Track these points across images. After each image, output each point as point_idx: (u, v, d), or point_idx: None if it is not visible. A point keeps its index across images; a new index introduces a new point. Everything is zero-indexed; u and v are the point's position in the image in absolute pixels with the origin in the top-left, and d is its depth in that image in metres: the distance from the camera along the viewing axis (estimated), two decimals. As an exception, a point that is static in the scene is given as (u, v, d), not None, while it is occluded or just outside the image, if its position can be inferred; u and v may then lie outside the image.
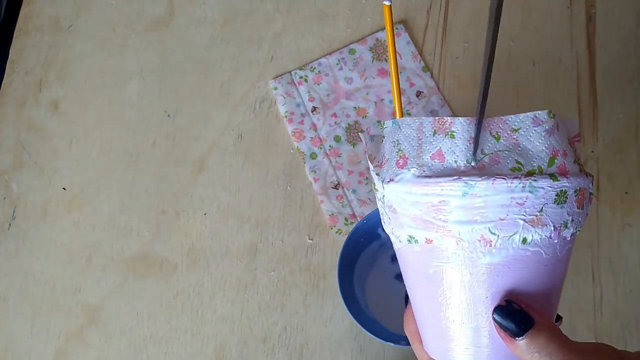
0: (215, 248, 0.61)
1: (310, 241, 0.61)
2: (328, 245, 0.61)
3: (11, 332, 0.60)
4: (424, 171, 0.31)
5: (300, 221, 0.62)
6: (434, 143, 0.31)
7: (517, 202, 0.29)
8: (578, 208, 0.30)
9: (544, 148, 0.30)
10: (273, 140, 0.65)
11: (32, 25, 0.71)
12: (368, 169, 0.63)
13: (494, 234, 0.30)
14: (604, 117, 0.63)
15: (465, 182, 0.29)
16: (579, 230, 0.31)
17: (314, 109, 0.65)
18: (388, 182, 0.32)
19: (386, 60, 0.66)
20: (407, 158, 0.32)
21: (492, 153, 0.30)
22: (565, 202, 0.30)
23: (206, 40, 0.69)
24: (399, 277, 0.58)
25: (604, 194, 0.61)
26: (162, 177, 0.64)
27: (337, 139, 0.64)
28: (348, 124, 0.65)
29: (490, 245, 0.30)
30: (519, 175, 0.29)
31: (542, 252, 0.30)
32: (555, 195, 0.29)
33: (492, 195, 0.29)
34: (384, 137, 0.35)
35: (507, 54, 0.67)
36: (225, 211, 0.62)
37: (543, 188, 0.29)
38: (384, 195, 0.33)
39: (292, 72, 0.67)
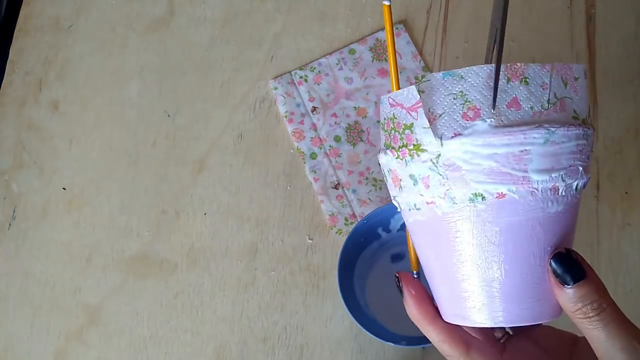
0: (215, 248, 0.61)
1: (310, 241, 0.61)
2: (328, 245, 0.61)
3: (11, 332, 0.60)
4: (502, 121, 0.30)
5: (300, 221, 0.62)
6: (508, 91, 0.31)
7: (580, 149, 0.31)
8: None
9: (585, 99, 0.32)
10: (273, 140, 0.65)
11: (32, 25, 0.71)
12: (369, 168, 0.63)
13: (564, 181, 0.31)
14: (603, 117, 0.63)
15: (547, 129, 0.30)
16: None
17: (314, 109, 0.65)
18: (452, 137, 0.31)
19: (386, 60, 0.66)
20: (480, 109, 0.31)
21: (561, 98, 0.31)
22: (592, 151, 0.32)
23: (206, 40, 0.69)
24: (399, 277, 0.58)
25: (604, 193, 0.61)
26: (162, 177, 0.64)
27: (337, 139, 0.64)
28: (348, 124, 0.65)
29: (558, 194, 0.31)
30: (581, 124, 0.31)
31: (580, 199, 0.33)
32: (591, 144, 0.32)
33: (567, 142, 0.30)
34: (422, 92, 0.33)
35: (507, 54, 0.67)
36: (225, 211, 0.62)
37: (590, 136, 0.31)
38: (439, 155, 0.31)
39: (292, 72, 0.67)
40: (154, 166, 0.65)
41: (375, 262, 0.59)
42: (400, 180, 0.34)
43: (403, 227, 0.58)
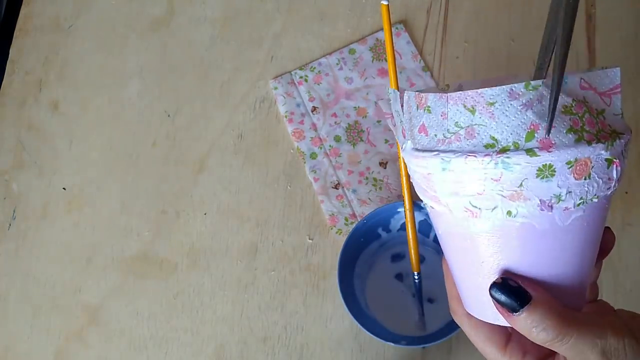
0: (215, 248, 0.61)
1: (310, 241, 0.61)
2: (328, 245, 0.61)
3: (11, 332, 0.60)
4: (416, 144, 0.32)
5: (300, 221, 0.62)
6: (418, 117, 0.32)
7: (492, 178, 0.29)
8: (577, 179, 0.29)
9: (519, 123, 0.29)
10: (273, 140, 0.65)
11: (32, 25, 0.71)
12: (369, 168, 0.63)
13: (475, 206, 0.30)
14: (604, 117, 0.63)
15: (442, 159, 0.30)
16: (596, 197, 0.30)
17: (314, 108, 0.65)
18: (402, 149, 0.34)
19: (386, 60, 0.66)
20: (405, 130, 0.33)
21: (468, 126, 0.30)
22: (552, 175, 0.29)
23: (206, 40, 0.69)
24: (398, 276, 0.58)
25: (604, 193, 0.61)
26: (162, 177, 0.64)
27: (337, 138, 0.64)
28: (348, 124, 0.65)
29: (476, 216, 0.30)
30: (491, 153, 0.29)
31: (534, 223, 0.30)
32: (537, 170, 0.29)
33: (467, 171, 0.29)
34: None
35: (507, 53, 0.67)
36: (225, 211, 0.62)
37: (519, 164, 0.28)
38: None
39: (292, 72, 0.67)
40: (154, 166, 0.65)
41: (375, 262, 0.59)
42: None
43: (403, 227, 0.58)
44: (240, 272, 0.60)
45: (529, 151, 0.28)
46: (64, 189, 0.64)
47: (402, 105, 0.34)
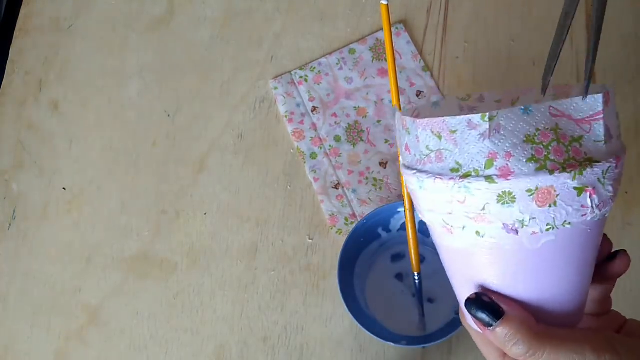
0: (215, 248, 0.61)
1: (310, 241, 0.61)
2: (328, 245, 0.61)
3: (11, 332, 0.60)
4: (404, 161, 0.35)
5: (300, 221, 0.62)
6: (403, 137, 0.34)
7: (458, 200, 0.31)
8: (541, 206, 0.30)
9: (478, 151, 0.30)
10: (273, 140, 0.65)
11: (32, 25, 0.71)
12: (369, 168, 0.63)
13: (448, 224, 0.32)
14: (604, 117, 0.63)
15: (418, 178, 0.32)
16: (568, 223, 0.30)
17: (314, 108, 0.65)
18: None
19: (386, 60, 0.66)
20: (399, 147, 0.35)
21: (437, 150, 0.31)
22: (513, 201, 0.30)
23: (206, 40, 0.69)
24: (398, 277, 0.58)
25: (604, 193, 0.61)
26: (162, 177, 0.64)
27: (337, 138, 0.64)
28: (348, 123, 0.65)
29: (451, 233, 0.32)
30: (455, 177, 0.30)
31: (503, 244, 0.31)
32: (497, 196, 0.30)
33: (437, 192, 0.31)
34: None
35: (507, 54, 0.67)
36: (225, 211, 0.62)
37: (480, 190, 0.30)
38: None
39: (292, 72, 0.67)
40: (154, 166, 0.65)
41: (375, 262, 0.59)
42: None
43: (403, 227, 0.58)
44: (240, 272, 0.60)
45: (488, 178, 0.30)
46: (64, 189, 0.64)
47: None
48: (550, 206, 0.30)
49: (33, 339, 0.59)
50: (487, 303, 0.31)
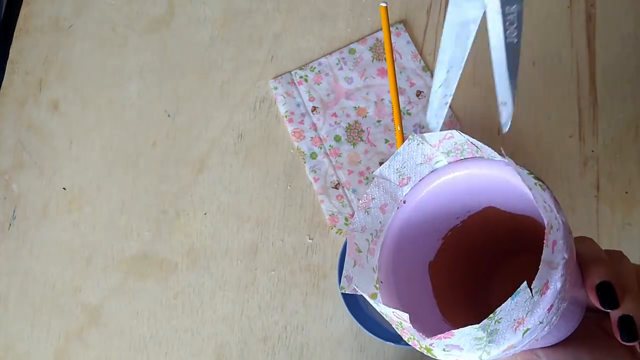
0: (216, 248, 0.61)
1: (311, 241, 0.61)
2: (328, 245, 0.61)
3: (11, 332, 0.60)
4: None
5: (300, 221, 0.62)
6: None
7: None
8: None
9: (369, 273, 0.33)
10: (273, 140, 0.65)
11: (32, 25, 0.71)
12: (369, 168, 0.63)
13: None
14: (604, 117, 0.63)
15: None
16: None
17: (314, 108, 0.65)
18: None
19: (386, 60, 0.66)
20: None
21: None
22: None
23: (206, 40, 0.69)
24: (399, 277, 0.58)
25: (604, 193, 0.61)
26: (162, 177, 0.64)
27: (337, 138, 0.64)
28: (348, 123, 0.65)
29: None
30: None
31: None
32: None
33: None
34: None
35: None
36: (225, 211, 0.62)
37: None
38: None
39: (292, 72, 0.67)
40: (154, 166, 0.65)
41: (375, 262, 0.59)
42: None
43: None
44: (240, 272, 0.60)
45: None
46: (64, 189, 0.64)
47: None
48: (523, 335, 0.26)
49: (33, 339, 0.59)
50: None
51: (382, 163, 0.63)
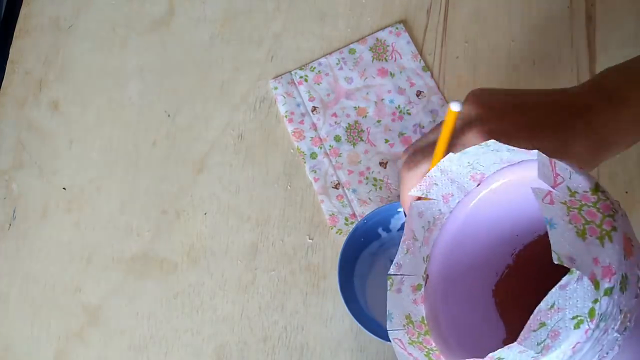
0: (216, 248, 0.61)
1: (311, 241, 0.61)
2: (328, 245, 0.61)
3: (11, 332, 0.60)
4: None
5: (300, 221, 0.62)
6: None
7: None
8: None
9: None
10: (273, 140, 0.65)
11: (32, 25, 0.71)
12: (369, 168, 0.63)
13: None
14: (604, 117, 0.63)
15: None
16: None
17: (314, 108, 0.65)
18: None
19: (386, 60, 0.66)
20: None
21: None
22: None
23: (206, 40, 0.69)
24: (399, 277, 0.58)
25: (604, 193, 0.61)
26: (162, 177, 0.64)
27: (337, 138, 0.64)
28: (348, 123, 0.65)
29: None
30: None
31: None
32: None
33: None
34: None
35: (507, 53, 0.67)
36: (225, 211, 0.62)
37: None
38: None
39: (292, 72, 0.67)
40: (154, 166, 0.65)
41: (375, 262, 0.59)
42: None
43: (403, 227, 0.58)
44: (240, 272, 0.60)
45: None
46: (64, 189, 0.64)
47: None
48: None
49: (33, 339, 0.59)
50: None
51: (382, 163, 0.63)
